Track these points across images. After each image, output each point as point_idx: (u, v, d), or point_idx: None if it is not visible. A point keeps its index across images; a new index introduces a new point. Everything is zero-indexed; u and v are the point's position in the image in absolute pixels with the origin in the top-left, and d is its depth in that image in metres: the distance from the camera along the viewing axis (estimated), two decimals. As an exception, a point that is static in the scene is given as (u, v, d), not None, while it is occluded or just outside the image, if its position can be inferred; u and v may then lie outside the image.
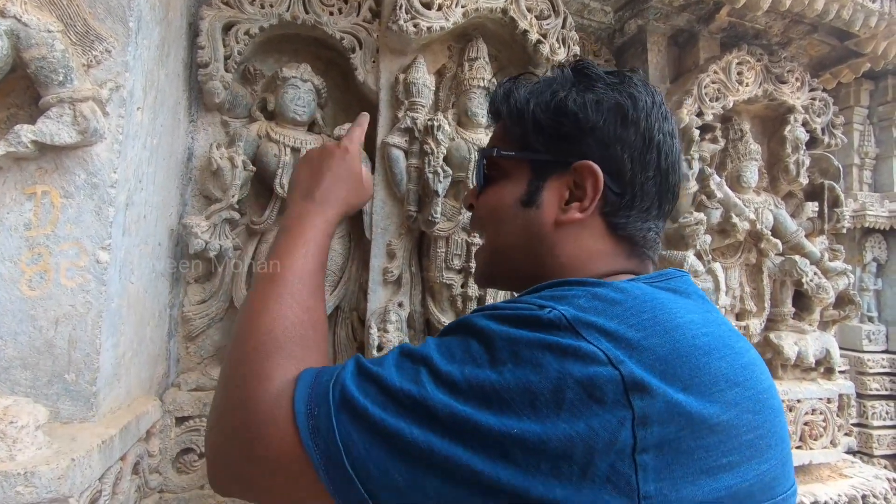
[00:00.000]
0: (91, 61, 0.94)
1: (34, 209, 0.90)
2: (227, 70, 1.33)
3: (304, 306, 0.64)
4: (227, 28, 1.34)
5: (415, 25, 1.31)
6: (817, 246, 1.96)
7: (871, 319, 4.11)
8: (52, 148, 0.89)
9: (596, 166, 0.63)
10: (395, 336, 1.29)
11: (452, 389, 0.45)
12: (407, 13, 1.31)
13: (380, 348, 1.28)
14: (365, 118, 0.90)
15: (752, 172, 1.87)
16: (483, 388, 0.44)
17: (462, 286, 1.39)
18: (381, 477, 0.44)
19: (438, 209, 1.33)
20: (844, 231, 2.02)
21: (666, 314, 0.48)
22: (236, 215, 1.34)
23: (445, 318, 1.35)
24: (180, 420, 1.27)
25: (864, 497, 1.76)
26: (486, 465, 0.41)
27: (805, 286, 1.83)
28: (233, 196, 1.31)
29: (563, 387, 0.42)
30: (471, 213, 0.75)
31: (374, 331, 1.29)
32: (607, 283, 0.53)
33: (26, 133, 0.86)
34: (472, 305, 1.35)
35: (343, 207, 0.79)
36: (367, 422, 0.45)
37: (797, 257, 1.87)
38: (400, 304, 1.35)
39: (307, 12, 1.38)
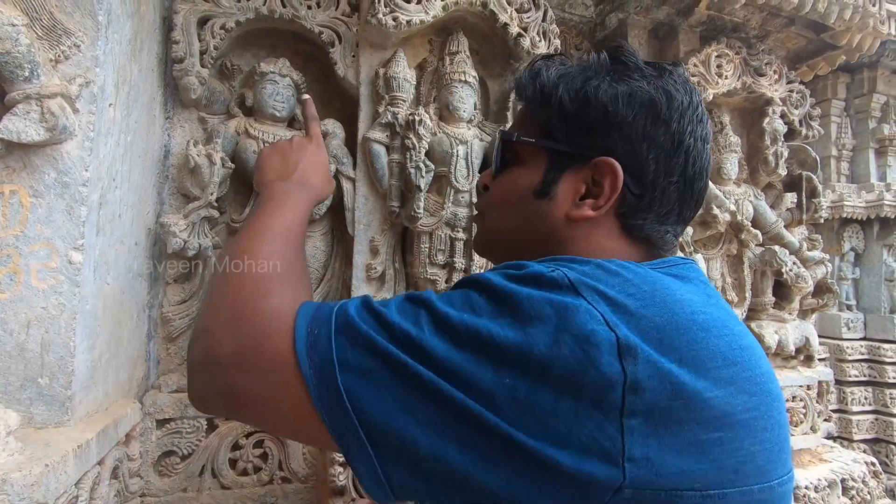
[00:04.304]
0: (59, 56, 0.91)
1: (2, 209, 0.87)
2: (203, 65, 1.30)
3: (297, 255, 0.66)
4: (203, 22, 1.31)
5: (394, 19, 1.30)
6: (796, 236, 1.99)
7: (849, 308, 4.21)
8: (20, 146, 0.87)
9: (617, 164, 0.59)
10: (380, 333, 1.28)
11: (450, 335, 0.45)
12: (386, 6, 1.30)
13: (364, 345, 1.27)
14: (310, 103, 0.91)
15: (733, 164, 1.89)
16: (480, 337, 0.44)
17: (446, 281, 1.38)
18: (372, 396, 0.44)
19: (421, 204, 1.32)
20: (822, 221, 2.06)
21: (665, 290, 0.49)
22: (215, 213, 1.32)
23: (430, 314, 1.34)
24: (161, 422, 1.25)
25: (843, 480, 1.80)
26: (476, 406, 0.42)
27: (784, 275, 1.86)
28: (211, 194, 1.28)
29: (559, 342, 0.42)
30: (481, 194, 0.74)
31: (358, 328, 1.28)
32: (612, 260, 0.53)
33: (-9, 131, 0.83)
34: (457, 300, 1.35)
35: (316, 193, 0.79)
36: (365, 344, 0.46)
37: (777, 247, 1.90)
38: (384, 301, 1.34)
39: (284, 6, 1.36)
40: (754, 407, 0.47)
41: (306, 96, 0.93)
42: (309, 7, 1.38)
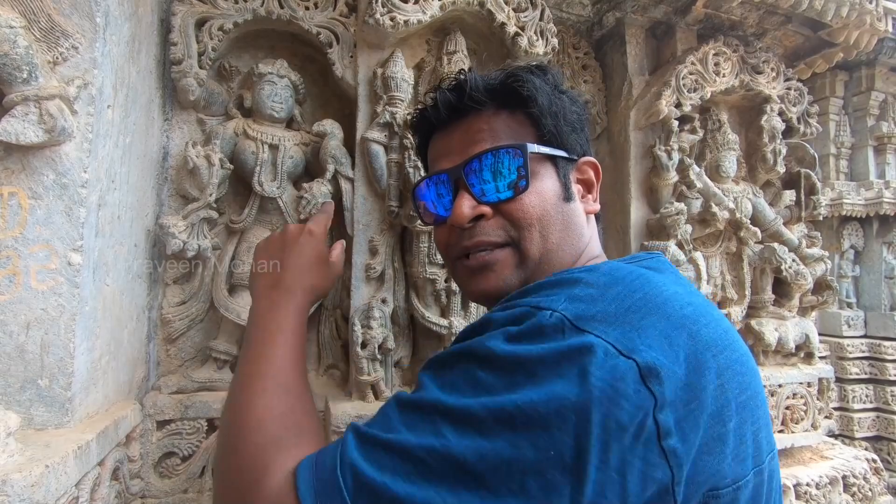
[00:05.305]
0: (57, 58, 0.91)
1: (1, 211, 0.88)
2: (201, 67, 1.30)
3: (293, 395, 0.60)
4: (201, 24, 1.31)
5: (391, 19, 1.30)
6: (795, 233, 1.99)
7: (849, 305, 4.20)
8: (19, 148, 0.87)
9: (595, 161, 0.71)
10: (380, 332, 1.28)
11: (476, 429, 0.41)
12: (383, 7, 1.30)
13: (364, 345, 1.27)
14: (330, 206, 0.88)
15: (731, 162, 1.89)
16: (506, 414, 0.40)
17: (446, 280, 1.38)
18: None
19: (420, 204, 1.32)
20: (822, 219, 2.06)
21: (655, 290, 0.50)
22: (214, 214, 1.32)
23: (429, 313, 1.34)
24: (161, 424, 1.25)
25: (844, 477, 1.80)
26: (531, 483, 0.39)
27: (784, 273, 1.86)
28: (210, 195, 1.29)
29: (586, 389, 0.40)
30: (473, 224, 0.65)
31: (357, 328, 1.28)
32: (592, 267, 0.55)
33: (-10, 132, 0.83)
34: (456, 300, 1.35)
35: (311, 294, 0.75)
36: (391, 500, 0.40)
37: (776, 245, 1.90)
38: (383, 301, 1.34)
39: (282, 7, 1.36)
40: (748, 385, 0.49)
41: (329, 202, 0.95)
42: (307, 8, 1.39)
